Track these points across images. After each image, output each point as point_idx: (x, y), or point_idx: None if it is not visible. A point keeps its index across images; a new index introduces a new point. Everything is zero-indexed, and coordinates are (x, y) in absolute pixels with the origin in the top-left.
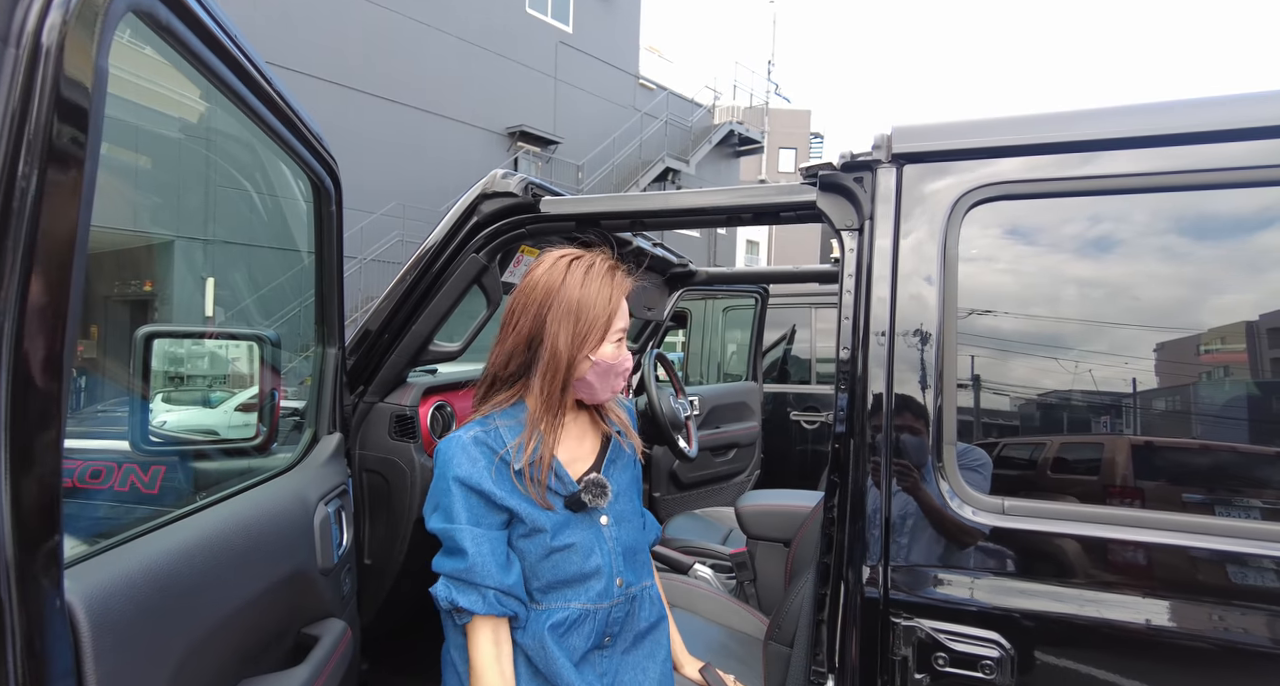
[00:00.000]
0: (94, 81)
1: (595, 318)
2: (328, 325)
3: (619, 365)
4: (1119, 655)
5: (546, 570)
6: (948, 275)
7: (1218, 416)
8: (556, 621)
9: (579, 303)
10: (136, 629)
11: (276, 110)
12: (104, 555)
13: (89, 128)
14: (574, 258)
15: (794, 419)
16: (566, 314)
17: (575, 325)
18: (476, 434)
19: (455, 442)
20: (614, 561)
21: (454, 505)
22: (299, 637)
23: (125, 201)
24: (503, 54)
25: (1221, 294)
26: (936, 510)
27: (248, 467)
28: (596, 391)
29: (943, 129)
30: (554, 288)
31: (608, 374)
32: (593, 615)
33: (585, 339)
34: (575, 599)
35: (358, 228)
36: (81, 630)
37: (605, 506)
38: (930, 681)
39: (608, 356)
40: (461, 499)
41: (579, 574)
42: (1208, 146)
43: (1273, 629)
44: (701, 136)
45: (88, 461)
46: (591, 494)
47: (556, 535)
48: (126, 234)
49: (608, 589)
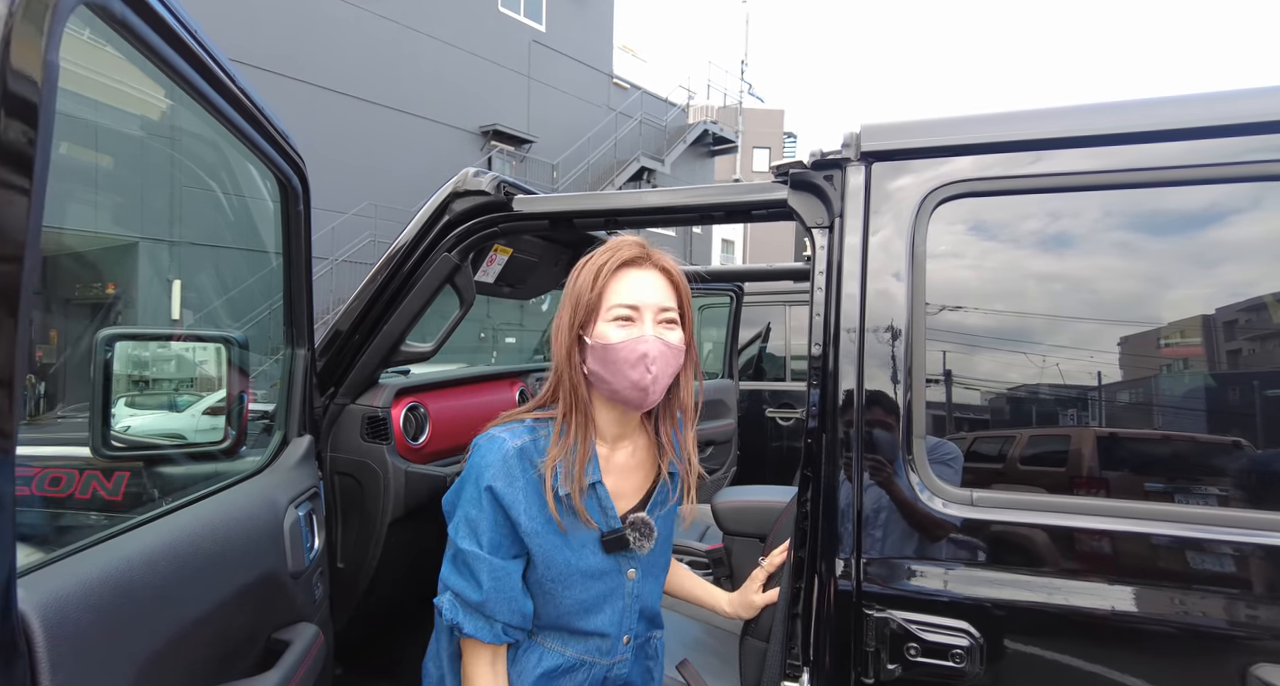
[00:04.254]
0: (44, 76)
1: (583, 293)
2: (296, 326)
3: (621, 347)
4: (1085, 641)
5: (550, 613)
6: (916, 271)
7: (1177, 408)
8: (549, 668)
9: (575, 287)
10: (96, 638)
11: (240, 107)
12: (60, 563)
13: (39, 124)
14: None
15: (769, 416)
16: (565, 301)
17: (571, 308)
18: (524, 444)
19: (498, 449)
20: (626, 620)
21: (481, 522)
22: (270, 642)
23: (84, 201)
24: (475, 53)
25: (1179, 288)
26: (907, 503)
27: (215, 472)
28: (611, 384)
29: (910, 127)
30: (569, 284)
31: (610, 359)
32: (589, 668)
33: (575, 319)
34: (575, 647)
35: (329, 228)
36: (36, 641)
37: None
38: (902, 671)
39: (603, 336)
40: (489, 518)
41: (582, 629)
42: (1164, 145)
43: (1230, 611)
44: (676, 136)
45: (46, 468)
46: (638, 534)
47: (569, 586)
48: (88, 236)
49: (613, 647)
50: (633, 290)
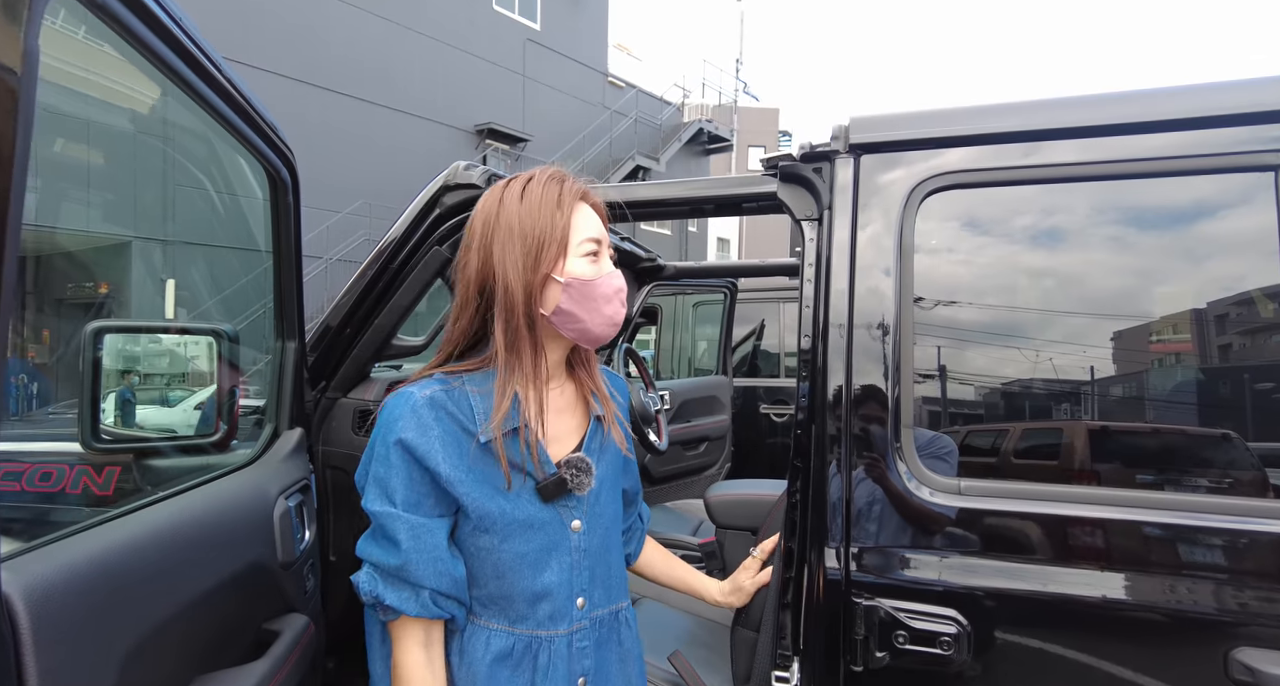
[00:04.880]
0: (23, 64)
1: (545, 229)
2: (287, 320)
3: (601, 283)
4: (1070, 627)
5: (489, 578)
6: (904, 263)
7: (1162, 400)
8: (500, 652)
9: (521, 219)
10: (82, 623)
11: (227, 98)
12: (45, 548)
13: (18, 113)
14: (511, 179)
15: (764, 412)
16: (509, 237)
17: (523, 244)
18: (435, 394)
19: (405, 400)
20: (577, 578)
21: (392, 479)
22: (260, 633)
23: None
24: (470, 51)
25: (1170, 282)
26: (896, 492)
27: (206, 464)
28: (585, 323)
29: (898, 119)
30: (492, 214)
31: (589, 296)
32: (546, 645)
33: (539, 257)
34: (523, 623)
35: (323, 227)
36: (20, 624)
37: (585, 498)
38: (891, 659)
39: (580, 273)
40: (403, 473)
41: (526, 591)
42: (1153, 136)
43: (1212, 597)
44: (671, 134)
45: (37, 464)
46: (574, 471)
47: (507, 538)
48: (78, 235)
49: (562, 610)
50: (590, 224)
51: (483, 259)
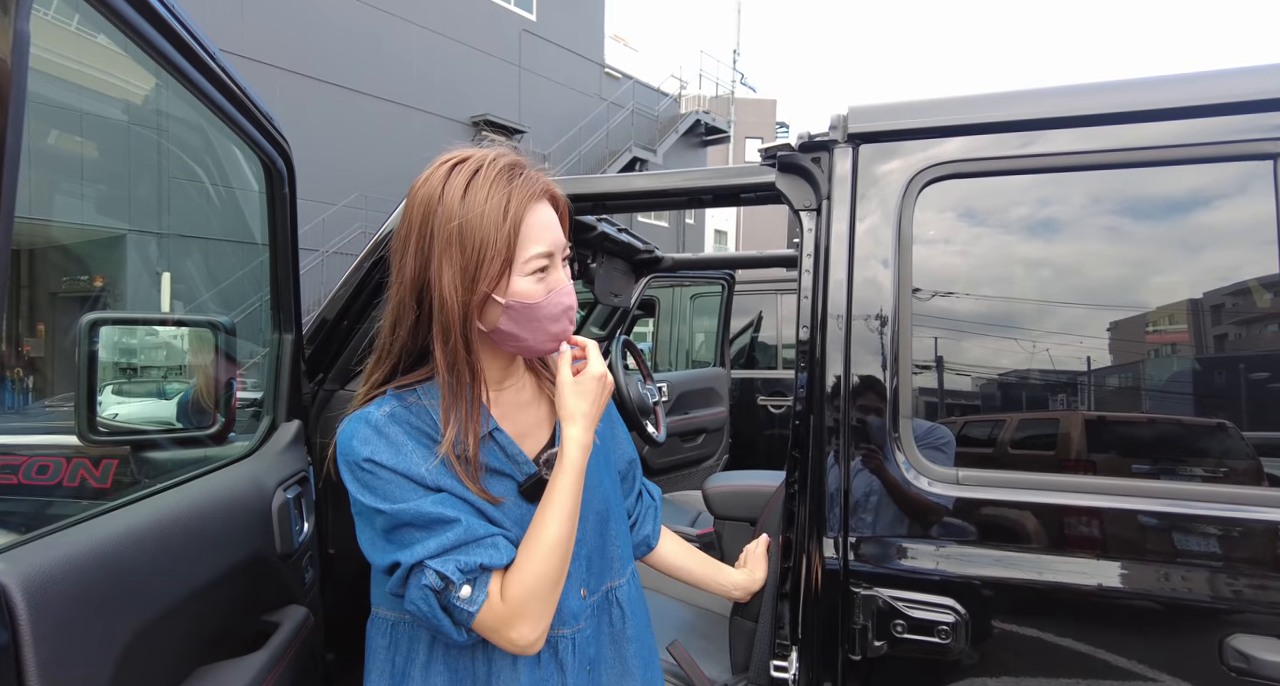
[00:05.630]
0: (13, 47)
1: (487, 241)
2: (284, 311)
3: (548, 304)
4: (1068, 615)
5: None
6: (903, 253)
7: (1161, 390)
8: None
9: (462, 225)
10: (81, 613)
11: (222, 88)
12: (43, 539)
13: (9, 98)
14: (458, 161)
15: (761, 404)
16: (447, 245)
17: (462, 256)
18: (393, 409)
19: (361, 423)
20: (575, 570)
21: (386, 488)
22: (259, 624)
23: (68, 192)
24: (465, 42)
25: (1169, 272)
26: (894, 482)
27: (203, 457)
28: (528, 342)
29: (897, 109)
30: (431, 207)
31: (532, 318)
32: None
33: (478, 274)
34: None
35: (319, 219)
36: (19, 614)
37: None
38: (889, 648)
39: (524, 294)
40: (393, 478)
41: None
42: (1153, 124)
43: (1208, 584)
44: (668, 126)
45: (34, 457)
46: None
47: None
48: (72, 228)
49: (572, 606)
50: (543, 232)
51: (420, 263)
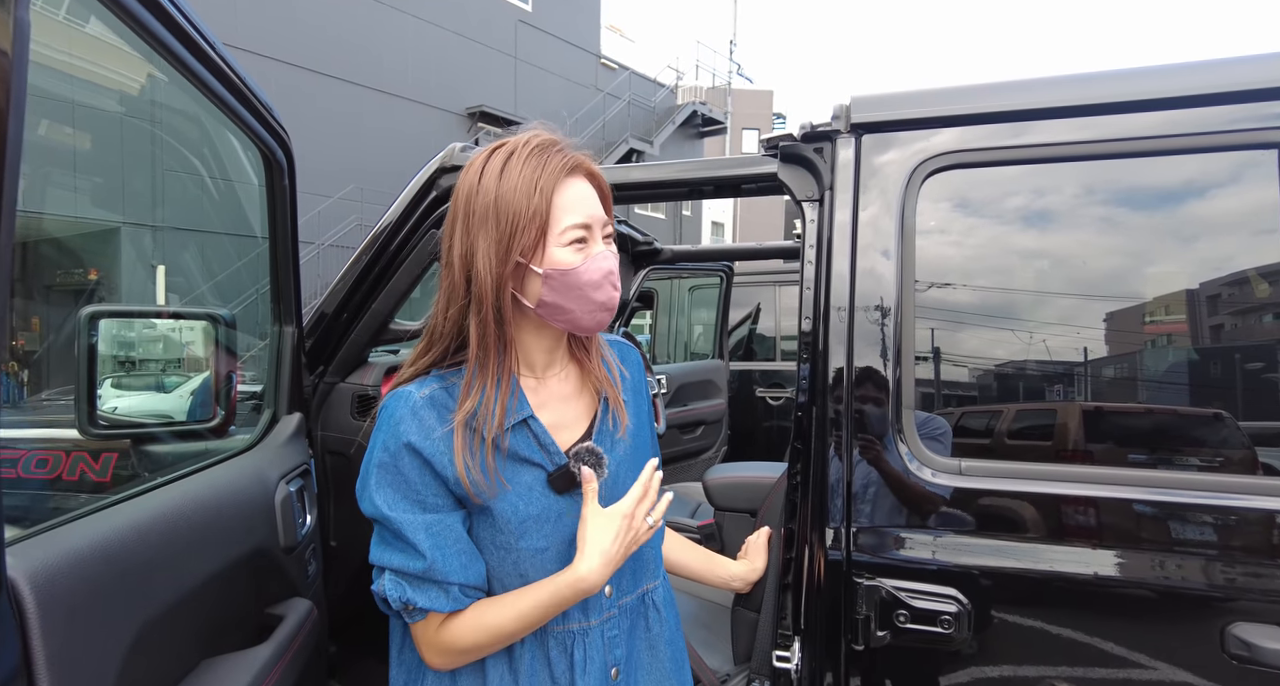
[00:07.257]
0: (13, 35)
1: (520, 213)
2: (284, 303)
3: (586, 270)
4: (1070, 604)
5: (512, 578)
6: (905, 243)
7: (1156, 380)
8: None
9: (497, 200)
10: (88, 606)
11: (222, 77)
12: (49, 533)
13: (10, 88)
14: (497, 147)
15: (760, 395)
16: (483, 222)
17: (497, 230)
18: (433, 392)
19: (404, 401)
20: None
21: (399, 482)
22: (263, 617)
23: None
24: (461, 33)
25: (1174, 262)
26: (896, 473)
27: (204, 450)
28: (574, 313)
29: (900, 98)
30: (472, 191)
31: (572, 286)
32: (580, 639)
33: (511, 245)
34: (552, 620)
35: (315, 211)
36: (27, 607)
37: (603, 484)
38: (892, 638)
39: (562, 263)
40: (409, 474)
41: None
42: (1157, 114)
43: (1209, 573)
44: (665, 117)
45: (33, 450)
46: (586, 464)
47: (523, 534)
48: (66, 220)
49: (592, 602)
50: (578, 203)
51: (465, 245)
